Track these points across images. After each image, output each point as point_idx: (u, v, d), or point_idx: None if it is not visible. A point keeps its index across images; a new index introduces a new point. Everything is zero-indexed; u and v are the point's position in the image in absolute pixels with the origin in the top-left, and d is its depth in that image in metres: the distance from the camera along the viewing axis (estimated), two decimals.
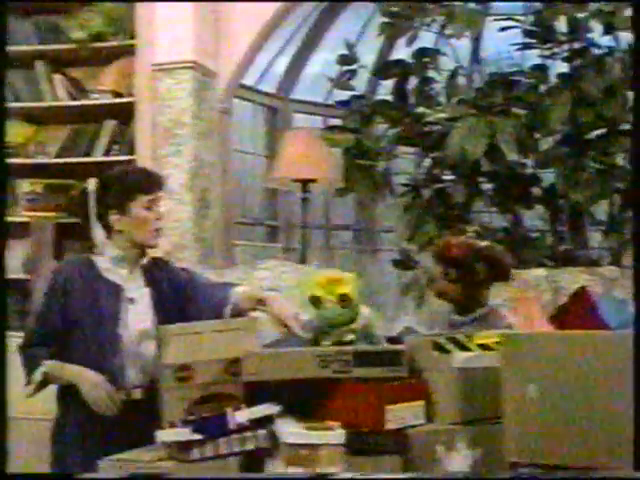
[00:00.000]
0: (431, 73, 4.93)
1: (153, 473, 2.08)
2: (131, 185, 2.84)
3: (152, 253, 2.97)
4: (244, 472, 2.16)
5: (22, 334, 2.90)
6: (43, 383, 2.80)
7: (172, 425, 2.20)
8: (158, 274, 2.90)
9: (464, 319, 3.06)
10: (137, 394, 2.76)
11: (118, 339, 2.77)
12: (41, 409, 3.17)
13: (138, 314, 2.81)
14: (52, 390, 2.87)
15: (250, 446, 2.15)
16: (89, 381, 2.71)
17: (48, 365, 2.77)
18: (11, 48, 4.87)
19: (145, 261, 2.89)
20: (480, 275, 3.03)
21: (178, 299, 2.88)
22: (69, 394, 2.78)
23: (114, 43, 4.98)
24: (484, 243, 3.13)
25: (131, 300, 2.82)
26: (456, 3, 4.67)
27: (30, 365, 2.81)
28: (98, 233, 2.87)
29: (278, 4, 5.04)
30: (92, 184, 2.92)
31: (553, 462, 2.00)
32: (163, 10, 4.86)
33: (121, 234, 2.84)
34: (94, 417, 2.71)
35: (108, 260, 2.85)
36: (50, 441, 2.88)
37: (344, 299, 2.41)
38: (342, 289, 2.43)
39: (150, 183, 2.87)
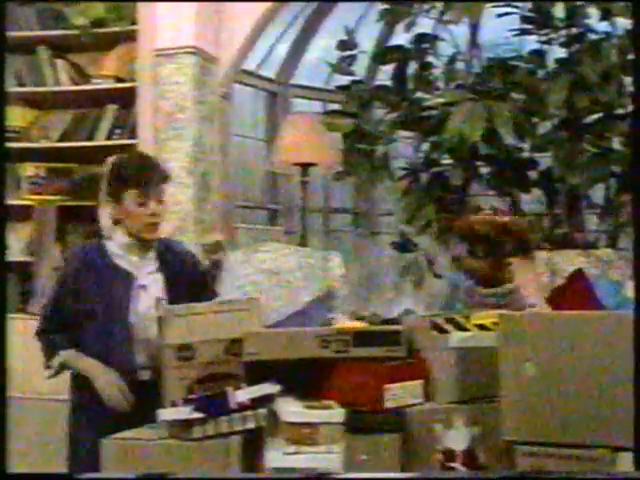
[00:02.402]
0: (430, 58, 4.90)
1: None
2: (122, 177, 2.82)
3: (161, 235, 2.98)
4: (245, 451, 2.16)
5: (38, 319, 2.92)
6: (61, 368, 2.83)
7: (173, 404, 2.20)
8: (171, 257, 2.89)
9: (490, 291, 3.03)
10: (145, 375, 2.77)
11: (129, 327, 2.79)
12: (48, 389, 3.18)
13: (150, 300, 2.80)
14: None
15: (251, 425, 2.15)
16: (103, 377, 2.74)
17: (64, 355, 2.81)
18: (14, 34, 4.88)
19: (158, 244, 2.89)
20: (506, 248, 3.03)
21: (189, 282, 2.89)
22: (82, 377, 2.80)
23: (116, 29, 4.97)
24: (506, 218, 3.13)
25: (143, 287, 2.82)
26: None
27: (48, 352, 2.84)
28: (105, 218, 2.87)
29: None
30: (107, 166, 2.90)
31: (550, 440, 2.01)
32: None
33: (121, 222, 2.83)
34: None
35: (118, 246, 2.84)
36: (67, 422, 2.89)
37: None
38: None
39: (142, 176, 2.81)
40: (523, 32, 4.73)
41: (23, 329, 3.00)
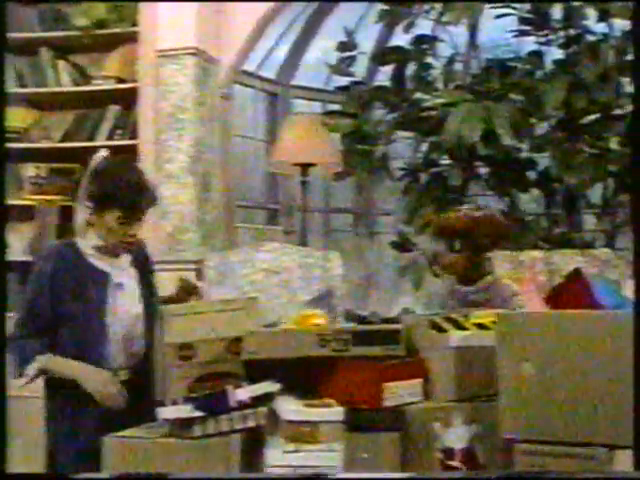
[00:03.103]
0: (429, 59, 4.91)
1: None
2: (109, 195, 2.70)
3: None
4: (245, 449, 2.15)
5: (14, 325, 2.78)
6: (39, 374, 2.72)
7: (174, 402, 2.19)
8: (142, 253, 2.88)
9: (471, 289, 3.09)
10: (124, 375, 2.73)
11: (106, 327, 2.72)
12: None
13: (127, 298, 2.77)
14: None
15: (251, 423, 2.14)
16: (93, 378, 2.67)
17: (42, 361, 2.69)
18: (16, 35, 4.88)
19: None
20: (483, 240, 3.07)
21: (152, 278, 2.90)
22: (59, 381, 2.72)
23: (117, 30, 4.96)
24: (480, 212, 3.17)
25: (119, 285, 2.76)
26: None
27: (22, 358, 2.71)
28: (80, 216, 2.77)
29: None
30: (91, 168, 2.82)
31: (548, 438, 2.00)
32: None
33: (95, 227, 2.75)
34: (84, 402, 2.67)
35: (90, 246, 2.77)
36: (46, 428, 2.81)
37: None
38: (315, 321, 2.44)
39: (130, 201, 2.69)
40: (521, 33, 4.74)
41: None
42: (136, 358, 2.74)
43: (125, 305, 2.76)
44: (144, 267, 2.88)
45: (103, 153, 2.84)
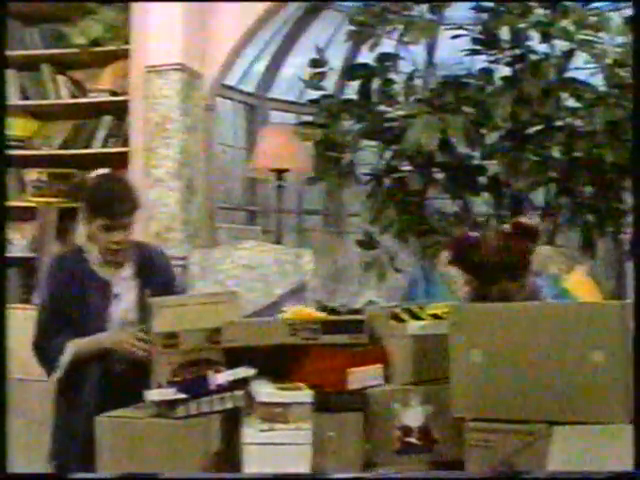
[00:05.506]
0: (391, 75, 4.90)
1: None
2: (93, 206, 2.69)
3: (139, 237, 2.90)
4: (224, 428, 2.15)
5: (34, 334, 2.76)
6: (70, 363, 2.67)
7: (159, 386, 2.18)
8: (149, 264, 2.81)
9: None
10: (120, 366, 2.70)
11: (105, 330, 2.70)
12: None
13: (123, 306, 2.74)
14: None
15: (229, 405, 2.14)
16: (117, 334, 2.63)
17: (71, 348, 2.66)
18: (20, 52, 4.88)
19: (136, 251, 2.80)
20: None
21: (163, 287, 2.79)
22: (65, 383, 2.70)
23: (111, 47, 4.94)
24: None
25: (117, 294, 2.73)
26: (414, 14, 4.65)
27: (54, 355, 2.68)
28: (80, 232, 2.77)
29: (258, 13, 5.03)
30: (86, 188, 2.78)
31: (494, 416, 2.02)
32: (155, 17, 4.82)
33: (90, 240, 2.73)
34: (88, 392, 2.66)
35: (93, 258, 2.74)
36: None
37: None
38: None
39: (111, 209, 2.67)
40: (473, 52, 4.73)
41: (26, 317, 2.93)
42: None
43: (120, 312, 2.73)
44: (148, 278, 2.79)
45: (99, 171, 2.82)
